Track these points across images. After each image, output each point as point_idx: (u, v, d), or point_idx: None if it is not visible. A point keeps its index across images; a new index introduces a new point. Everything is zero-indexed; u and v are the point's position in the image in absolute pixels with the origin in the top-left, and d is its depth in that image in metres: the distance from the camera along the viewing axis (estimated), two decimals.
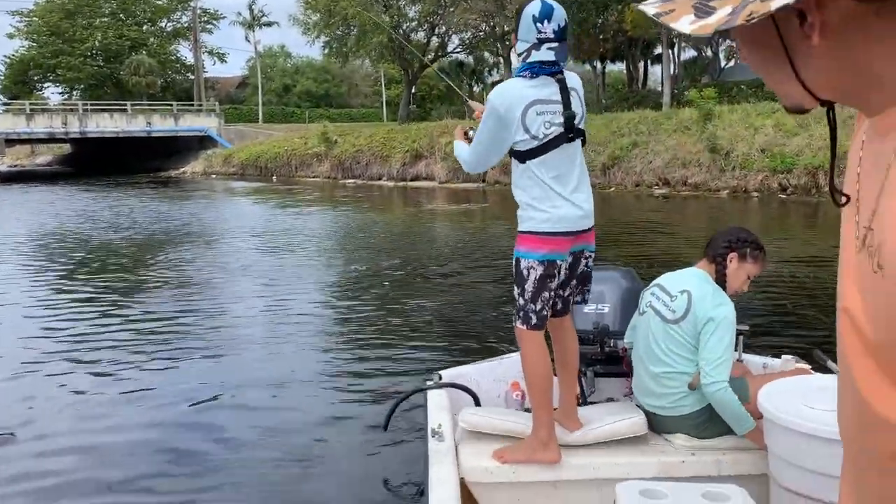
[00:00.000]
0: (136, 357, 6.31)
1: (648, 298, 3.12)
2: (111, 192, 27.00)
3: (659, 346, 3.00)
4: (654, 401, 3.03)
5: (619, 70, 57.22)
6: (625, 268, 3.82)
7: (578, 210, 2.85)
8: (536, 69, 2.79)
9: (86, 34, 55.34)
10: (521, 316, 2.90)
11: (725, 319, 2.88)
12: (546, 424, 2.90)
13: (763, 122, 20.74)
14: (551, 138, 2.80)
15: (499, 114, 2.79)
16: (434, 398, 3.31)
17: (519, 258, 2.89)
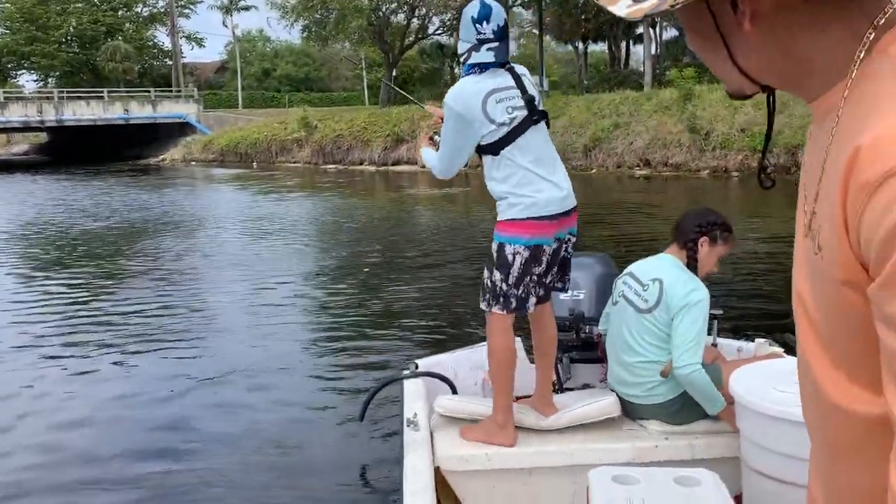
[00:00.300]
0: (112, 347, 6.28)
1: (621, 288, 3.11)
2: (89, 180, 26.72)
3: (632, 336, 2.99)
4: (628, 389, 3.04)
5: (602, 50, 57.20)
6: (600, 254, 3.82)
7: (561, 191, 2.86)
8: (483, 66, 2.82)
9: (60, 20, 54.48)
10: (501, 301, 2.89)
11: (699, 304, 2.88)
12: (504, 408, 2.93)
13: (743, 101, 20.81)
14: (518, 123, 2.80)
15: (459, 113, 2.79)
16: (410, 387, 3.31)
17: (503, 243, 2.87)
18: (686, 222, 3.08)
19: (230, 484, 3.92)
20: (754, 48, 0.75)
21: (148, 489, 3.91)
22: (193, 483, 3.96)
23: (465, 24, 2.81)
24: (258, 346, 6.27)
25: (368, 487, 3.94)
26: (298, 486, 3.89)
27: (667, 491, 2.26)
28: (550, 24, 43.58)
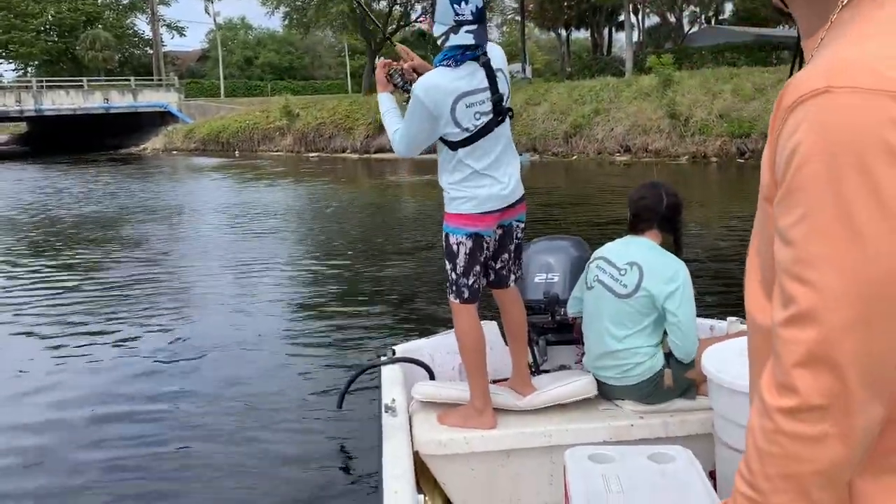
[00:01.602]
0: (90, 331, 6.33)
1: (595, 272, 3.10)
2: (69, 170, 26.46)
3: (611, 321, 3.00)
4: (605, 371, 3.06)
5: (585, 38, 57.18)
6: (574, 237, 3.83)
7: (504, 187, 2.87)
8: (459, 56, 2.75)
9: (38, 8, 53.66)
10: (455, 290, 2.95)
11: (686, 279, 2.91)
12: (481, 393, 2.96)
13: (721, 87, 20.94)
14: (481, 127, 2.80)
15: (427, 109, 2.75)
16: (388, 373, 3.33)
17: (448, 234, 2.92)
18: (658, 206, 3.07)
19: (207, 469, 3.94)
20: None
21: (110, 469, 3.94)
22: (169, 469, 3.97)
23: (441, 6, 2.72)
24: (235, 333, 6.28)
25: (348, 474, 3.95)
26: (276, 473, 3.90)
27: (641, 468, 2.30)
28: (533, 12, 43.52)
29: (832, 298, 0.73)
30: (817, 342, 0.74)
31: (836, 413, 0.75)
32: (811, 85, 0.74)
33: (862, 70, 0.71)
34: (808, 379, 0.75)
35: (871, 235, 0.71)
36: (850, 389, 0.74)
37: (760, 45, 34.55)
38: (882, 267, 0.72)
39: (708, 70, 23.92)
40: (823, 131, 0.72)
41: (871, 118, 0.70)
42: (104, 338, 6.23)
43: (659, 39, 51.20)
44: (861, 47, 0.74)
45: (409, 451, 2.76)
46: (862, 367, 0.74)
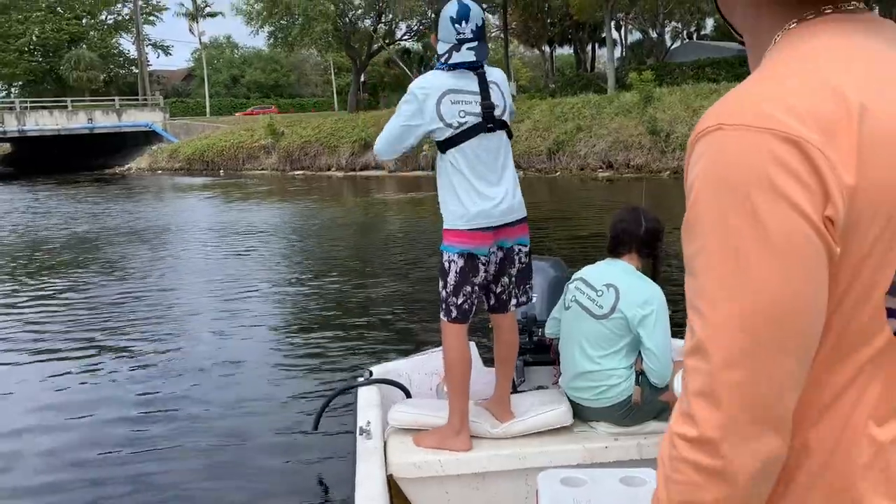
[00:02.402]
0: (65, 352, 6.35)
1: (573, 293, 3.10)
2: (53, 191, 26.35)
3: (586, 341, 3.01)
4: (580, 392, 3.07)
5: (570, 54, 57.61)
6: (553, 258, 3.84)
7: (499, 205, 2.87)
8: (454, 63, 2.83)
9: (21, 28, 53.54)
10: (444, 308, 2.95)
11: (662, 305, 2.93)
12: (459, 414, 2.96)
13: (701, 103, 21.16)
14: (467, 127, 2.82)
15: (417, 100, 2.81)
16: (364, 395, 3.30)
17: (442, 251, 2.93)
18: (636, 232, 3.09)
19: (180, 489, 3.94)
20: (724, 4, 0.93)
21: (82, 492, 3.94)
22: (143, 488, 3.97)
23: (443, 25, 2.80)
24: (213, 353, 6.28)
25: (323, 497, 3.95)
26: (251, 495, 3.90)
27: (613, 491, 2.32)
28: (517, 29, 43.85)
29: (718, 331, 0.76)
30: (708, 374, 0.76)
31: (729, 445, 0.76)
32: (707, 121, 0.78)
33: (751, 108, 0.75)
34: (704, 410, 0.77)
35: (753, 269, 0.74)
36: (738, 422, 0.76)
37: (741, 59, 34.94)
38: (764, 301, 0.74)
39: (688, 86, 24.17)
40: (713, 167, 0.76)
41: (755, 155, 0.73)
42: (78, 361, 6.21)
43: (642, 55, 51.64)
44: (760, 85, 0.78)
45: (383, 475, 2.76)
46: (746, 399, 0.75)
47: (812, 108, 0.73)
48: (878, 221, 0.75)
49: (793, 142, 0.72)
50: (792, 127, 0.72)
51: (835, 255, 0.74)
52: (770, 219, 0.73)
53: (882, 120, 0.74)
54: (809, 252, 0.73)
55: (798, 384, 0.77)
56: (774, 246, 0.73)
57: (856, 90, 0.74)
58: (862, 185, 0.73)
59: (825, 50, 0.79)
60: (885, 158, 0.74)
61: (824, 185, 0.72)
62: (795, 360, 0.76)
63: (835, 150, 0.72)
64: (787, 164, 0.72)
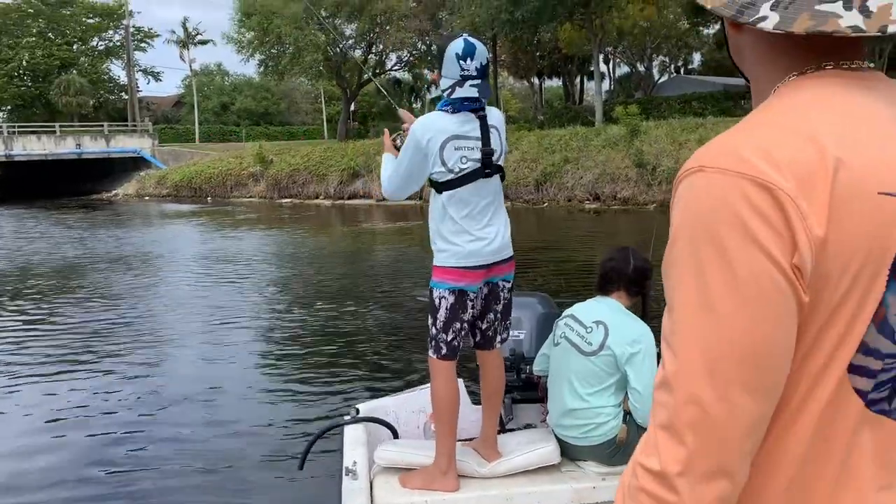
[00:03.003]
0: (51, 379, 6.29)
1: (562, 329, 3.11)
2: (39, 216, 26.24)
3: (575, 378, 3.00)
4: (568, 431, 3.06)
5: (558, 86, 58.25)
6: (541, 294, 3.81)
7: (490, 244, 2.90)
8: (458, 105, 2.85)
9: (11, 53, 53.71)
10: (433, 345, 2.94)
11: (650, 344, 2.93)
12: (447, 454, 2.93)
13: (687, 136, 21.38)
14: (467, 173, 2.85)
15: (420, 145, 2.83)
16: (351, 433, 3.25)
17: (432, 287, 2.94)
18: (625, 270, 3.11)
19: None
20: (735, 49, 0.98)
21: None
22: None
23: (448, 61, 2.83)
24: (196, 387, 6.19)
25: None
26: None
27: None
28: (507, 61, 44.35)
29: (684, 367, 0.78)
30: (672, 408, 0.79)
31: (686, 482, 0.78)
32: (691, 163, 0.82)
33: (732, 153, 0.78)
34: (666, 444, 0.79)
35: (720, 306, 0.76)
36: (697, 460, 0.78)
37: (727, 94, 35.43)
38: (729, 341, 0.76)
39: (674, 120, 24.44)
40: (690, 207, 0.80)
41: (728, 196, 0.76)
42: (60, 385, 6.16)
43: (629, 88, 52.27)
44: (744, 132, 0.82)
45: None
46: (706, 438, 0.77)
47: (790, 158, 0.76)
48: (848, 275, 0.77)
49: (766, 188, 0.75)
50: (767, 174, 0.75)
51: (803, 304, 0.77)
52: (739, 260, 0.75)
53: (855, 175, 0.77)
54: (776, 296, 0.75)
55: (759, 427, 0.79)
56: (742, 287, 0.75)
57: (835, 144, 0.77)
58: (832, 238, 0.76)
59: (815, 103, 0.83)
60: (856, 213, 0.76)
61: (792, 233, 0.75)
62: (757, 402, 0.78)
63: (808, 200, 0.75)
64: (759, 208, 0.75)
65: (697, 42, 48.36)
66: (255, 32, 40.29)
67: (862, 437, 0.84)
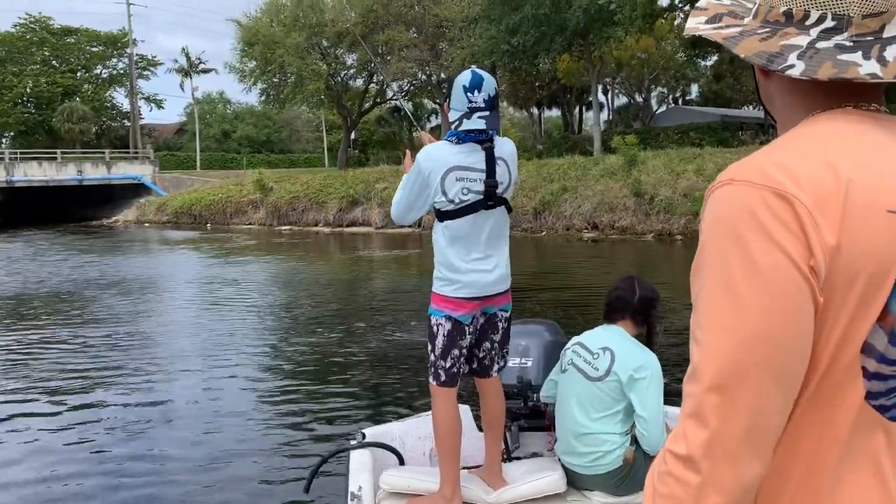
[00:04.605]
0: (44, 405, 6.22)
1: (570, 356, 3.12)
2: (38, 241, 26.28)
3: (582, 405, 3.00)
4: (575, 459, 3.05)
5: (557, 116, 58.64)
6: (549, 321, 3.79)
7: (485, 276, 2.91)
8: (463, 136, 2.85)
9: (16, 81, 54.17)
10: (432, 372, 2.96)
11: (656, 372, 2.94)
12: (451, 480, 2.93)
13: (685, 167, 21.49)
14: (467, 204, 2.85)
15: (423, 174, 2.85)
16: (357, 458, 3.24)
17: (430, 314, 2.96)
18: (630, 299, 3.13)
19: None
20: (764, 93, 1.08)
21: None
22: None
23: (456, 93, 2.84)
24: (199, 413, 6.17)
25: None
26: None
27: None
28: (506, 91, 44.70)
29: (708, 356, 0.87)
30: (697, 396, 0.87)
31: (710, 462, 0.85)
32: (722, 177, 0.92)
33: (756, 169, 0.89)
34: (692, 429, 0.87)
35: (742, 301, 0.85)
36: (720, 442, 0.85)
37: (724, 125, 35.70)
38: (750, 330, 0.85)
39: (672, 150, 24.59)
40: (719, 214, 0.90)
41: (751, 204, 0.86)
42: (56, 412, 6.14)
43: (628, 118, 52.65)
44: (771, 152, 0.92)
45: None
46: (728, 421, 0.85)
47: (808, 175, 0.86)
48: (858, 283, 0.86)
49: (785, 198, 0.85)
50: (787, 186, 0.85)
51: (818, 304, 0.86)
52: (760, 256, 0.85)
53: (866, 194, 0.86)
54: (794, 290, 0.84)
55: (780, 413, 0.87)
56: (762, 280, 0.84)
57: (848, 167, 0.87)
58: (843, 247, 0.85)
59: (831, 133, 0.93)
60: (866, 227, 0.86)
61: (808, 239, 0.84)
62: (777, 389, 0.85)
63: (822, 213, 0.85)
64: (779, 215, 0.85)
65: (695, 73, 48.84)
66: (258, 62, 40.70)
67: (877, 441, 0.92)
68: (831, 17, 0.94)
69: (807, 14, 0.95)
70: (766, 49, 0.96)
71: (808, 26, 0.95)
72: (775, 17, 0.98)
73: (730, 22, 1.03)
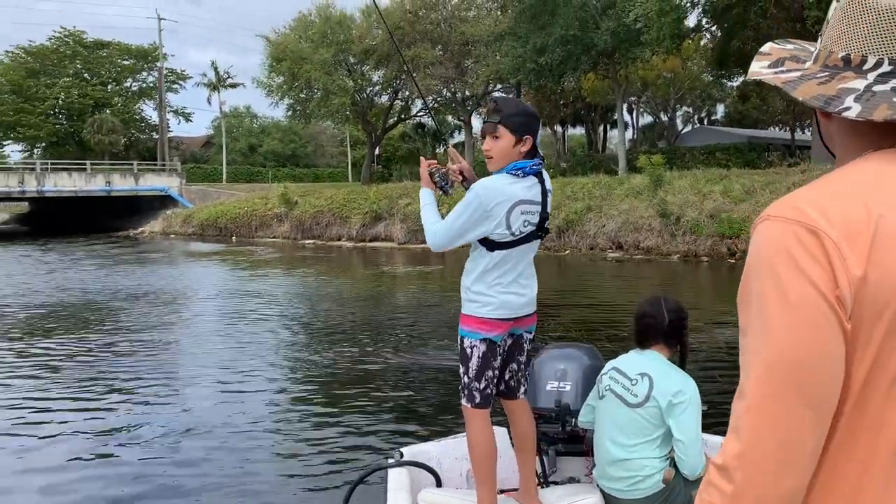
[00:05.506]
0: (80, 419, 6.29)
1: (607, 382, 3.12)
2: (65, 252, 26.63)
3: (621, 431, 3.01)
4: (613, 483, 3.04)
5: (581, 134, 58.61)
6: (587, 345, 3.77)
7: (521, 298, 2.95)
8: (528, 169, 2.88)
9: (48, 93, 55.20)
10: (466, 394, 2.97)
11: (695, 396, 2.93)
12: (488, 502, 2.94)
13: (711, 188, 21.33)
14: (525, 235, 2.91)
15: (485, 208, 2.82)
16: (395, 477, 3.25)
17: (463, 336, 2.97)
18: (663, 321, 3.11)
19: None
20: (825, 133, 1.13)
21: None
22: None
23: (535, 128, 2.95)
24: (232, 428, 6.15)
25: None
26: None
27: None
28: None
29: (750, 379, 0.94)
30: (738, 413, 0.95)
31: (743, 474, 0.92)
32: (762, 214, 0.99)
33: (791, 206, 0.96)
34: (730, 442, 0.95)
35: (774, 326, 0.92)
36: (753, 455, 0.92)
37: (751, 146, 35.46)
38: (780, 353, 0.91)
39: (699, 171, 24.43)
40: (756, 247, 0.97)
41: (783, 238, 0.93)
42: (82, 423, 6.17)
43: (653, 138, 52.50)
44: (809, 190, 0.98)
45: None
46: (761, 438, 0.92)
47: (840, 212, 0.92)
48: (888, 311, 0.91)
49: (815, 233, 0.92)
50: (817, 222, 0.92)
51: (847, 331, 0.91)
52: (790, 286, 0.91)
53: (893, 225, 0.92)
54: (821, 319, 0.90)
55: (815, 434, 0.92)
56: (791, 309, 0.91)
57: (881, 203, 0.93)
58: (870, 278, 0.90)
59: (875, 171, 0.98)
60: (892, 258, 0.91)
61: (833, 270, 0.90)
62: (807, 410, 0.91)
63: (850, 246, 0.90)
64: (808, 247, 0.91)
65: (721, 93, 48.66)
66: (285, 77, 41.17)
67: None
68: (888, 62, 1.00)
69: (864, 59, 1.01)
70: (824, 92, 1.02)
71: (865, 71, 1.01)
72: (834, 62, 1.04)
73: (791, 66, 1.09)
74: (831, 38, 1.05)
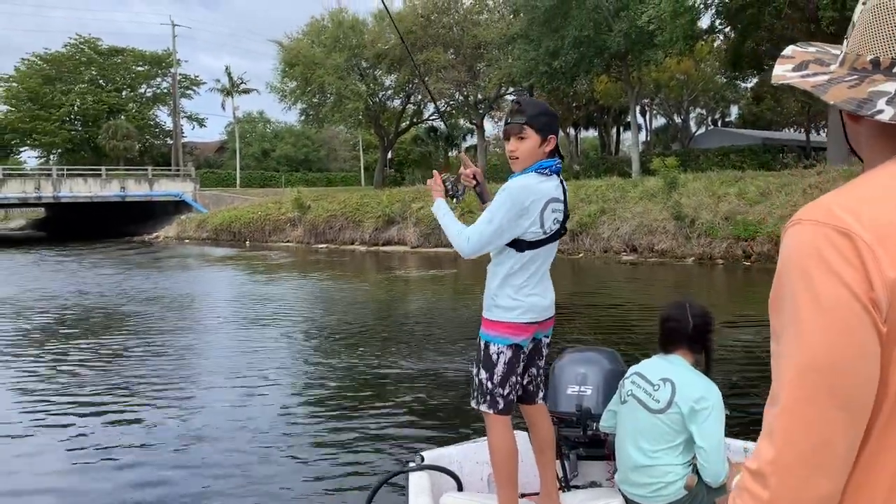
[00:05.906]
0: (97, 423, 6.29)
1: (629, 387, 3.10)
2: (81, 257, 26.83)
3: (643, 436, 2.99)
4: (635, 489, 3.02)
5: (594, 136, 58.48)
6: (608, 349, 3.75)
7: (545, 300, 2.96)
8: (553, 168, 2.91)
9: (64, 99, 55.69)
10: (489, 400, 2.94)
11: (718, 402, 2.90)
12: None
13: (726, 190, 21.19)
14: (553, 233, 2.92)
15: (521, 205, 2.81)
16: (416, 481, 3.25)
17: (488, 342, 2.94)
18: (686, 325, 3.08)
19: None
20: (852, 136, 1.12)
21: None
22: None
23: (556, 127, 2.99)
24: (250, 432, 6.15)
25: None
26: None
27: None
28: None
29: (782, 382, 0.93)
30: (772, 417, 0.94)
31: (777, 479, 0.92)
32: (794, 217, 0.98)
33: (823, 209, 0.95)
34: (764, 447, 0.94)
35: (807, 330, 0.91)
36: (786, 460, 0.91)
37: (765, 147, 35.26)
38: (813, 357, 0.91)
39: (713, 173, 24.29)
40: (788, 249, 0.96)
41: (816, 240, 0.92)
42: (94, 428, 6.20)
43: (666, 140, 52.31)
44: (840, 193, 0.98)
45: None
46: (794, 442, 0.91)
47: (873, 215, 0.92)
48: None
49: (847, 235, 0.90)
50: (850, 224, 0.91)
51: (882, 334, 0.89)
52: (822, 289, 0.90)
53: None
54: (855, 322, 0.89)
55: (848, 436, 0.91)
56: (825, 312, 0.90)
57: None
58: None
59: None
60: None
61: (867, 273, 0.89)
62: (842, 413, 0.90)
63: (884, 248, 0.89)
64: (841, 250, 0.90)
65: (735, 95, 48.42)
66: (298, 82, 41.33)
67: None
68: None
69: (893, 62, 1.00)
70: (855, 96, 1.01)
71: (895, 73, 1.00)
72: (862, 65, 1.03)
73: (816, 69, 1.08)
74: (859, 40, 1.04)
